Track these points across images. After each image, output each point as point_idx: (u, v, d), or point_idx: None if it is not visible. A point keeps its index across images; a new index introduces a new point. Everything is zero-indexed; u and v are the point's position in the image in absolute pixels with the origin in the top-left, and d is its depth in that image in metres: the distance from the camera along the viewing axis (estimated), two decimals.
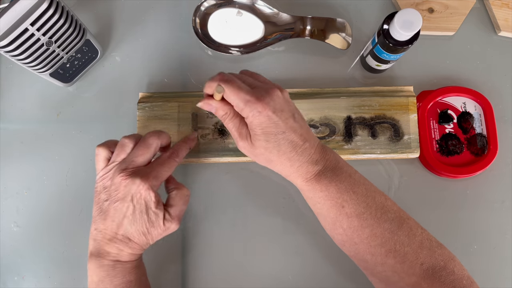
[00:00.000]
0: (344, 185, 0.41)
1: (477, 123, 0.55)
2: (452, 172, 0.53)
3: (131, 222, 0.42)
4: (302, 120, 0.43)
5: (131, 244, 0.43)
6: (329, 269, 0.53)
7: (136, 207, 0.42)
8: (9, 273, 0.53)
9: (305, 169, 0.42)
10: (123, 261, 0.43)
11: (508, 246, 0.53)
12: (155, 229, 0.43)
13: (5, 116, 0.57)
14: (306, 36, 0.57)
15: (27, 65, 0.49)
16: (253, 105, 0.39)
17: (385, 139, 0.53)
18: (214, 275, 0.53)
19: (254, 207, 0.54)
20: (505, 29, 0.58)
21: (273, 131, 0.40)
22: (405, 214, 0.42)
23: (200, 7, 0.57)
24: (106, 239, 0.43)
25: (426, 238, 0.41)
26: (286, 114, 0.41)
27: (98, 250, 0.43)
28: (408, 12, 0.47)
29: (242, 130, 0.42)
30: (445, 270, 0.39)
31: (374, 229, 0.40)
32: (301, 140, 0.41)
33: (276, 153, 0.41)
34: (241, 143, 0.43)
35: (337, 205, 0.41)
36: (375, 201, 0.41)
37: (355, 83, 0.58)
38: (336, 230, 0.42)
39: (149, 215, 0.42)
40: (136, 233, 0.42)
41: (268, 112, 0.40)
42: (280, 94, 0.41)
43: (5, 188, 0.55)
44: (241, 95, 0.40)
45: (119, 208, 0.42)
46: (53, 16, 0.46)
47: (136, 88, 0.57)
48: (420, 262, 0.39)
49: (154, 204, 0.42)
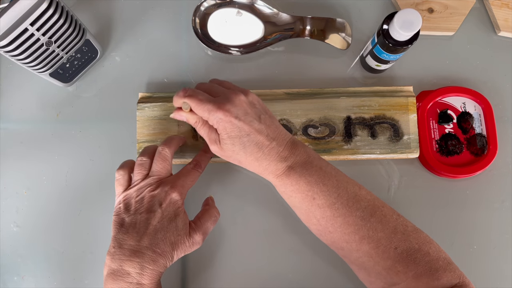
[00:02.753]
0: (313, 178, 0.43)
1: (476, 123, 0.55)
2: (452, 172, 0.53)
3: (158, 230, 0.42)
4: (269, 120, 0.44)
5: (155, 257, 0.41)
6: (329, 268, 0.53)
7: (165, 214, 0.43)
8: (9, 273, 0.53)
9: (274, 167, 0.43)
10: (143, 284, 0.40)
11: (508, 246, 0.53)
12: (181, 239, 0.43)
13: (5, 116, 0.57)
14: (306, 36, 0.57)
15: (27, 65, 0.49)
16: (215, 113, 0.42)
17: (385, 139, 0.53)
18: (214, 275, 0.53)
19: (254, 206, 0.54)
20: (505, 29, 0.58)
21: (237, 134, 0.42)
22: (380, 202, 0.44)
23: (200, 7, 0.57)
24: (127, 255, 0.40)
25: (401, 224, 0.42)
26: (250, 117, 0.43)
27: (116, 271, 0.40)
28: (408, 12, 0.47)
29: (212, 136, 0.45)
30: (420, 252, 0.40)
31: (347, 217, 0.42)
32: (268, 140, 0.43)
33: (243, 154, 0.43)
34: (212, 147, 0.45)
35: (308, 197, 0.43)
36: (347, 191, 0.43)
37: (355, 83, 0.58)
38: (310, 221, 0.44)
39: (177, 222, 0.43)
40: (162, 243, 0.41)
41: (230, 118, 0.42)
42: (243, 98, 0.44)
43: (5, 188, 0.55)
44: (203, 107, 0.43)
45: (144, 219, 0.42)
46: (53, 16, 0.46)
47: (136, 88, 0.57)
48: (394, 246, 0.41)
49: (182, 211, 0.44)
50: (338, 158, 0.53)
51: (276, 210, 0.54)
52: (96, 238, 0.53)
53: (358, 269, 0.44)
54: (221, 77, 0.57)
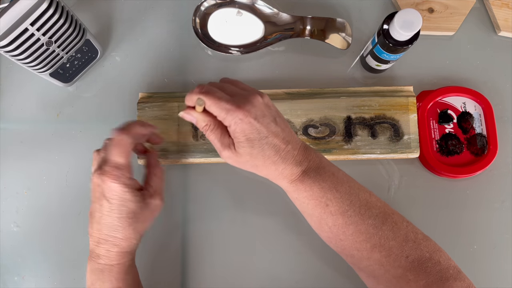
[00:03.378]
0: (327, 184, 0.42)
1: (477, 123, 0.55)
2: (452, 172, 0.53)
3: (111, 219, 0.42)
4: (283, 123, 0.43)
5: (117, 242, 0.43)
6: (330, 268, 0.53)
7: (111, 201, 0.42)
8: (9, 273, 0.53)
9: (290, 171, 0.42)
10: (113, 264, 0.43)
11: (508, 246, 0.53)
12: (138, 215, 0.43)
13: (5, 116, 0.57)
14: (306, 36, 0.57)
15: (27, 65, 0.49)
16: (234, 113, 0.40)
17: (385, 139, 0.53)
18: (214, 275, 0.53)
19: (254, 207, 0.54)
20: (505, 29, 0.58)
21: (256, 137, 0.41)
22: (390, 209, 0.43)
23: (200, 7, 0.57)
24: (95, 242, 0.44)
25: (411, 231, 0.42)
26: (268, 119, 0.41)
27: (91, 254, 0.44)
28: (408, 12, 0.47)
29: (225, 140, 0.43)
30: (431, 261, 0.40)
31: (359, 225, 0.41)
32: (284, 143, 0.42)
33: (261, 158, 0.42)
34: (224, 152, 0.43)
35: (321, 204, 0.42)
36: (359, 198, 0.42)
37: (355, 83, 0.58)
38: (322, 228, 0.43)
39: (128, 205, 0.42)
40: (121, 228, 0.43)
41: (250, 119, 0.40)
42: (260, 99, 0.42)
43: (5, 188, 0.55)
44: (221, 105, 0.40)
45: (97, 209, 0.43)
46: (53, 16, 0.46)
47: (136, 88, 0.57)
48: (406, 254, 0.40)
49: (127, 193, 0.42)
50: (339, 158, 0.53)
51: (276, 210, 0.54)
52: None
53: (366, 277, 0.44)
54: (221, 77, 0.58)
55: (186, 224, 0.54)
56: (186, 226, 0.54)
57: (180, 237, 0.54)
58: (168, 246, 0.54)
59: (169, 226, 0.54)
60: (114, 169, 0.42)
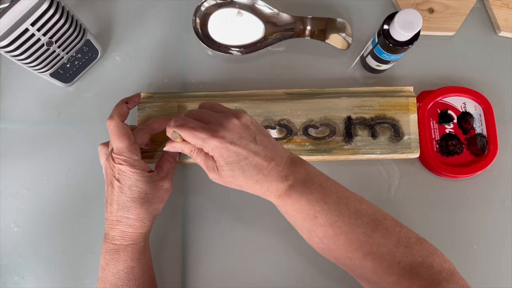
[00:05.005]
0: (314, 196, 0.42)
1: (477, 123, 0.55)
2: (452, 172, 0.53)
3: (123, 200, 0.45)
4: (266, 140, 0.43)
5: (131, 223, 0.45)
6: (329, 270, 0.53)
7: (122, 182, 0.45)
8: (9, 273, 0.53)
9: (275, 187, 0.42)
10: (127, 244, 0.46)
11: (508, 246, 0.53)
12: (150, 196, 0.46)
13: (5, 116, 0.57)
14: (306, 36, 0.57)
15: (27, 65, 0.49)
16: (209, 141, 0.41)
17: (385, 139, 0.53)
18: (214, 275, 0.53)
19: (254, 207, 0.54)
20: (505, 29, 0.58)
21: (235, 159, 0.41)
22: (382, 214, 0.43)
23: (200, 7, 0.57)
24: (110, 225, 0.46)
25: (404, 236, 0.41)
26: (245, 140, 0.42)
27: (106, 236, 0.47)
28: (408, 12, 0.47)
29: (209, 163, 0.44)
30: (423, 265, 0.40)
31: (349, 234, 0.41)
32: (266, 161, 0.42)
33: (243, 178, 0.42)
34: (210, 175, 0.44)
35: (309, 216, 0.42)
36: (348, 207, 0.42)
37: (355, 83, 0.58)
38: (313, 240, 0.43)
39: (138, 185, 0.45)
40: (133, 209, 0.45)
41: (226, 144, 0.41)
42: (236, 122, 0.42)
43: (5, 188, 0.55)
44: (196, 135, 0.41)
45: (110, 192, 0.46)
46: (53, 16, 0.46)
47: (136, 88, 0.57)
48: (398, 260, 0.40)
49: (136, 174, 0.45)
50: (339, 158, 0.54)
51: (276, 210, 0.54)
52: (96, 238, 0.53)
53: (363, 283, 0.44)
54: (222, 77, 0.58)
55: (186, 224, 0.54)
56: (186, 226, 0.54)
57: (180, 237, 0.54)
58: (168, 246, 0.54)
59: (169, 226, 0.54)
60: (119, 153, 0.45)
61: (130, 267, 0.46)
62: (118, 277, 0.45)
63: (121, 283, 0.45)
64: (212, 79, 0.58)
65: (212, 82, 0.58)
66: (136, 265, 0.46)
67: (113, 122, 0.46)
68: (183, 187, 0.55)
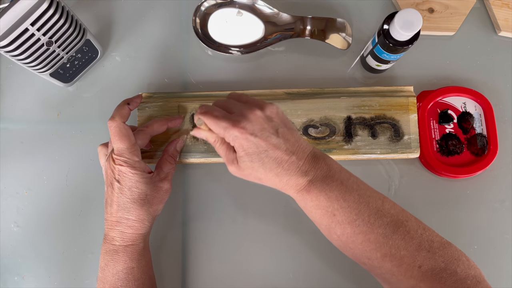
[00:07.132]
0: (334, 193, 0.41)
1: (477, 123, 0.55)
2: (452, 172, 0.53)
3: (123, 200, 0.45)
4: (288, 133, 0.43)
5: (130, 223, 0.45)
6: (331, 268, 0.53)
7: (122, 183, 0.45)
8: (9, 273, 0.53)
9: (294, 182, 0.42)
10: (127, 245, 0.46)
11: (508, 246, 0.53)
12: (149, 197, 0.46)
13: (5, 116, 0.57)
14: (306, 36, 0.57)
15: (27, 65, 0.49)
16: (230, 130, 0.42)
17: (385, 139, 0.53)
18: (214, 275, 0.53)
19: (254, 206, 0.54)
20: (505, 29, 0.58)
21: (255, 151, 0.41)
22: (405, 216, 0.42)
23: (200, 7, 0.57)
24: (109, 225, 0.46)
25: (426, 240, 0.40)
26: (267, 132, 0.42)
27: (105, 237, 0.47)
28: (408, 12, 0.47)
29: (230, 155, 0.44)
30: (446, 271, 0.39)
31: (368, 234, 0.40)
32: (287, 155, 0.42)
33: (263, 171, 0.42)
34: (230, 167, 0.45)
35: (328, 213, 0.42)
36: (369, 206, 0.41)
37: (355, 83, 0.58)
38: (331, 236, 0.43)
39: (138, 187, 0.45)
40: (133, 210, 0.45)
41: (246, 135, 0.41)
42: (259, 113, 0.43)
43: (5, 188, 0.55)
44: (218, 123, 0.42)
45: (110, 193, 0.46)
46: (53, 16, 0.46)
47: (136, 88, 0.57)
48: (418, 264, 0.39)
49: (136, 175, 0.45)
50: (339, 158, 0.53)
51: (277, 210, 0.54)
52: (96, 238, 0.53)
53: (382, 282, 0.43)
54: (221, 77, 0.58)
55: (186, 224, 0.54)
56: (186, 226, 0.54)
57: (180, 237, 0.54)
58: (168, 246, 0.54)
59: (169, 226, 0.54)
60: (119, 154, 0.45)
61: (129, 267, 0.46)
62: (118, 277, 0.45)
63: (121, 283, 0.45)
64: (212, 79, 0.58)
65: (212, 82, 0.58)
66: (135, 265, 0.46)
67: (115, 123, 0.46)
68: (183, 187, 0.55)
